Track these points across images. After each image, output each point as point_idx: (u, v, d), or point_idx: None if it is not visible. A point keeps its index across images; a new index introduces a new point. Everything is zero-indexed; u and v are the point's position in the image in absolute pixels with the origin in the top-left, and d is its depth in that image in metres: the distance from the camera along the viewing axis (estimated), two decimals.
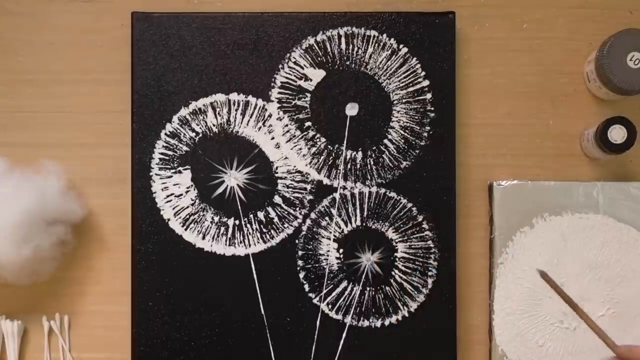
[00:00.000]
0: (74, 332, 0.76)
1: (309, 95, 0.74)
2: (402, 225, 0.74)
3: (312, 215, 0.74)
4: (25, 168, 0.73)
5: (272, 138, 0.74)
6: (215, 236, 0.74)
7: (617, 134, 0.72)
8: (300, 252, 0.74)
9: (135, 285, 0.74)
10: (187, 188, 0.74)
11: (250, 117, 0.74)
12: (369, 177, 0.74)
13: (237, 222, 0.74)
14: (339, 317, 0.74)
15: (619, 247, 0.74)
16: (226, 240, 0.74)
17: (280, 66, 0.74)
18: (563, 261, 0.74)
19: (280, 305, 0.74)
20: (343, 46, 0.74)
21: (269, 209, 0.74)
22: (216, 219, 0.74)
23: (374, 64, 0.74)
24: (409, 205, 0.74)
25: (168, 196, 0.74)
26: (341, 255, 0.74)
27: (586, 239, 0.75)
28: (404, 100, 0.74)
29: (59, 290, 0.76)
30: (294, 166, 0.74)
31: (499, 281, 0.75)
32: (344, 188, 0.74)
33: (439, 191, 0.74)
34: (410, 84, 0.74)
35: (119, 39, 0.76)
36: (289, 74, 0.74)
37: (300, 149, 0.74)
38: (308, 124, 0.74)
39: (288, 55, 0.74)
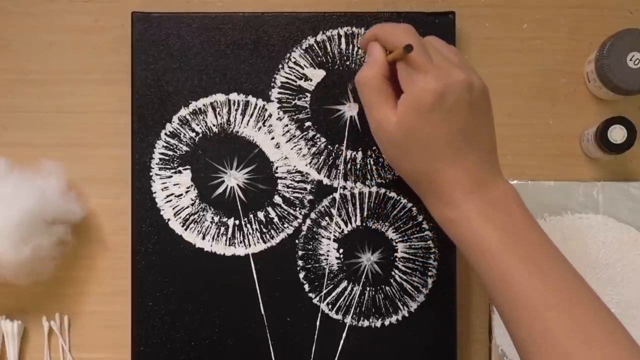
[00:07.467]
0: (74, 332, 0.76)
1: (309, 95, 0.74)
2: (402, 225, 0.74)
3: (312, 215, 0.74)
4: (25, 168, 0.73)
5: (272, 138, 0.74)
6: (215, 236, 0.74)
7: (617, 134, 0.72)
8: (300, 252, 0.74)
9: (135, 285, 0.74)
10: (187, 188, 0.74)
11: (250, 117, 0.74)
12: (369, 177, 0.74)
13: (237, 222, 0.74)
14: (339, 317, 0.74)
15: (619, 247, 0.74)
16: (226, 240, 0.74)
17: (280, 66, 0.74)
18: None
19: (280, 305, 0.74)
20: (343, 46, 0.74)
21: (269, 209, 0.74)
22: (216, 219, 0.74)
23: None
24: (409, 205, 0.74)
25: (168, 196, 0.74)
26: (341, 255, 0.74)
27: (586, 239, 0.74)
28: None
29: (59, 290, 0.76)
30: (294, 166, 0.74)
31: None
32: (344, 188, 0.74)
33: None
34: None
35: (119, 39, 0.76)
36: (289, 74, 0.74)
37: (300, 149, 0.74)
38: (308, 124, 0.74)
39: (288, 55, 0.74)
